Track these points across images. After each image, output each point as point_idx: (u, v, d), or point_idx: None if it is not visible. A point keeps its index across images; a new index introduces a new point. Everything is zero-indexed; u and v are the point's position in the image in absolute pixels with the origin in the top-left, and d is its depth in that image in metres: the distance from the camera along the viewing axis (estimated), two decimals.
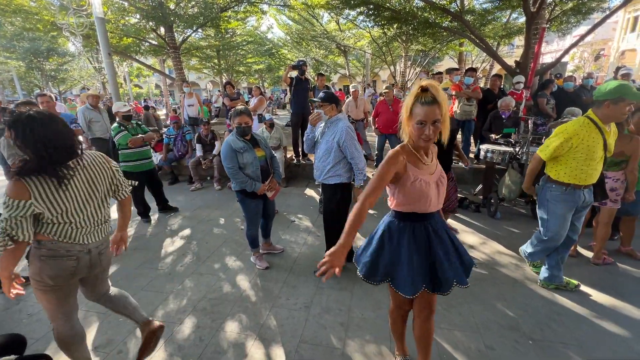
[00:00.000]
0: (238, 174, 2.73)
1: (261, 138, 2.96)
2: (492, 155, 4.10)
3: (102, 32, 5.78)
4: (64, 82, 21.71)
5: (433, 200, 1.48)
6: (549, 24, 7.42)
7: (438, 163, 1.56)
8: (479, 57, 18.61)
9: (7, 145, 2.82)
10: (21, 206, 1.40)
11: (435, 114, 1.32)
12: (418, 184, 1.44)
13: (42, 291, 1.62)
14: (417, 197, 1.46)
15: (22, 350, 1.65)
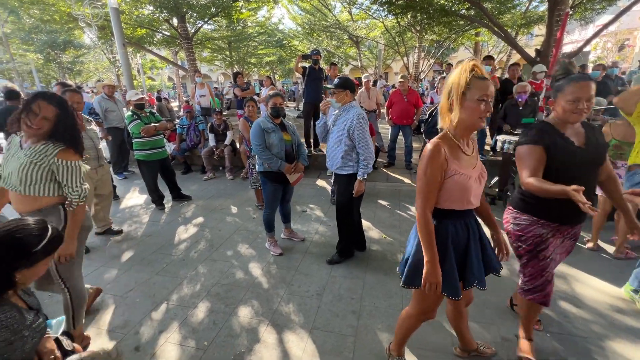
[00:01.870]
0: (264, 151, 2.82)
1: (290, 125, 3.02)
2: (510, 146, 3.98)
3: (116, 23, 5.83)
4: (80, 74, 22.15)
5: (473, 196, 1.38)
6: (573, 10, 7.10)
7: (479, 157, 1.46)
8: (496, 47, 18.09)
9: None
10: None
11: (491, 88, 1.27)
12: (459, 178, 1.31)
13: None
14: (458, 192, 1.34)
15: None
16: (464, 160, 1.35)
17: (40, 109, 1.65)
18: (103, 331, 2.18)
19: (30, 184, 1.70)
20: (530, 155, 1.51)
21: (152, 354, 1.98)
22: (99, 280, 2.74)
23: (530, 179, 1.45)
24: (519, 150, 1.56)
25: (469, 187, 1.34)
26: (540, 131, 1.54)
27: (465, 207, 1.39)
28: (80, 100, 3.03)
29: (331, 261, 2.90)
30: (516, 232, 1.71)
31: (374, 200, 4.30)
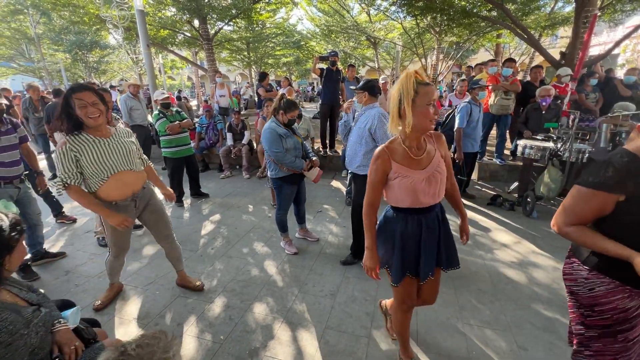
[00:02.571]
0: (286, 156, 2.82)
1: (295, 126, 3.04)
2: (531, 151, 3.89)
3: (141, 24, 6.03)
4: (105, 73, 22.97)
5: (424, 196, 1.45)
6: (601, 11, 6.85)
7: (438, 155, 1.47)
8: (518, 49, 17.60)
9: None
10: None
11: (435, 93, 1.36)
12: (402, 181, 1.43)
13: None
14: (403, 193, 1.45)
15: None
16: (413, 164, 1.44)
17: (88, 98, 1.85)
18: (126, 320, 2.27)
19: (137, 161, 2.13)
20: (588, 202, 1.09)
21: None
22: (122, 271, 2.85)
23: (569, 227, 1.14)
24: (577, 189, 1.12)
25: (415, 189, 1.43)
26: (623, 171, 1.01)
27: (416, 206, 1.47)
28: (109, 99, 3.17)
29: (345, 262, 2.91)
30: (587, 298, 1.19)
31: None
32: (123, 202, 2.06)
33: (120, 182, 2.01)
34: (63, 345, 1.28)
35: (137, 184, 2.11)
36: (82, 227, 3.81)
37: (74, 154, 1.86)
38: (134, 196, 2.11)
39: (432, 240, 1.53)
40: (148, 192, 2.25)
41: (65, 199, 4.60)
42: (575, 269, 1.24)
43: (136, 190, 2.11)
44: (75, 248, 3.32)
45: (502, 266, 2.86)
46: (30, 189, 2.93)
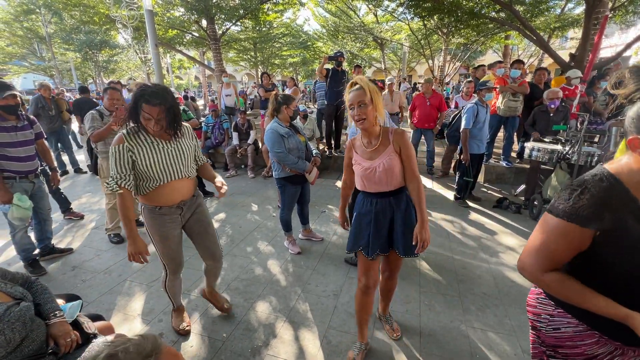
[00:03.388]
0: (288, 157, 2.82)
1: (299, 125, 3.04)
2: (538, 154, 3.84)
3: (150, 24, 6.10)
4: (114, 72, 23.29)
5: (367, 184, 1.71)
6: (612, 13, 6.74)
7: (390, 150, 1.65)
8: (526, 51, 17.43)
9: (92, 119, 3.07)
10: None
11: (360, 97, 1.55)
12: (356, 167, 1.74)
13: None
14: (358, 177, 1.76)
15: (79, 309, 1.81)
16: (365, 154, 1.70)
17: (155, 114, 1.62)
18: (131, 316, 2.30)
19: (191, 167, 1.92)
20: (560, 238, 0.88)
21: (174, 341, 2.07)
22: (128, 268, 2.89)
23: (547, 275, 0.90)
24: (547, 219, 0.91)
25: (362, 174, 1.70)
26: (600, 200, 0.81)
27: (367, 190, 1.74)
28: (119, 97, 3.21)
29: (347, 261, 2.91)
30: (551, 338, 1.02)
31: None
32: (168, 209, 1.83)
33: (170, 189, 1.79)
34: (58, 338, 1.29)
35: (187, 192, 1.89)
36: (89, 224, 3.86)
37: (130, 154, 1.66)
38: (182, 204, 1.87)
39: (381, 223, 1.72)
40: (197, 199, 1.99)
41: (72, 195, 4.68)
42: (540, 302, 1.06)
43: (185, 197, 1.88)
44: (82, 244, 3.37)
45: (507, 270, 2.83)
46: (44, 184, 2.99)
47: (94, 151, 3.26)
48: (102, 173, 3.27)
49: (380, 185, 1.68)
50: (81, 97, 6.07)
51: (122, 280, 2.71)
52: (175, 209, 1.85)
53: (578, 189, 0.85)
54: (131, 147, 1.66)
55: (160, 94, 1.59)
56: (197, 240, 2.03)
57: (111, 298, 2.49)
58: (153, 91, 1.57)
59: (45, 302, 1.40)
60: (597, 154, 3.58)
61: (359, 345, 1.91)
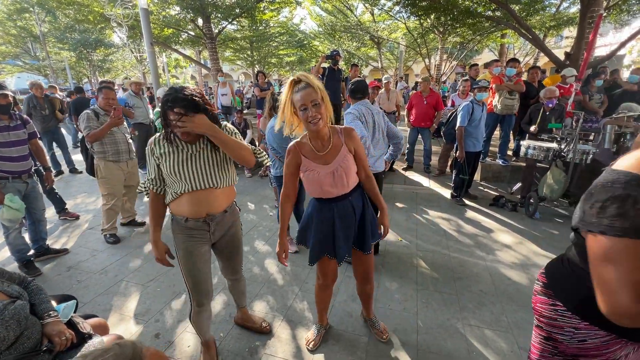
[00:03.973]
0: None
1: None
2: (534, 152, 3.86)
3: (145, 23, 6.07)
4: (109, 71, 23.11)
5: (328, 188, 1.60)
6: (607, 12, 6.79)
7: (344, 150, 1.58)
8: (522, 50, 17.51)
9: (87, 118, 3.03)
10: None
11: (312, 95, 1.42)
12: (310, 174, 1.59)
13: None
14: (312, 185, 1.62)
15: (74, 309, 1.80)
16: (317, 159, 1.58)
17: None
18: (126, 317, 2.28)
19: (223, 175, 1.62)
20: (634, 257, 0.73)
21: (170, 341, 2.06)
22: (124, 268, 2.87)
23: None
24: (603, 243, 0.77)
25: (320, 181, 1.58)
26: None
27: (326, 196, 1.64)
28: (114, 96, 3.19)
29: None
30: (574, 348, 0.98)
31: (391, 203, 4.27)
32: (195, 222, 1.61)
33: (195, 199, 1.56)
34: (53, 336, 1.29)
35: (216, 205, 1.61)
36: (85, 224, 3.83)
37: (155, 157, 1.54)
38: (209, 218, 1.62)
39: (346, 226, 1.68)
40: (231, 217, 1.74)
41: (68, 195, 4.65)
42: (562, 315, 0.99)
43: (213, 212, 1.62)
44: (77, 244, 3.34)
45: (504, 267, 2.84)
46: (38, 185, 2.96)
47: (89, 152, 3.24)
48: (99, 173, 3.24)
49: (341, 188, 1.61)
50: (78, 97, 6.22)
51: (118, 281, 2.69)
52: (202, 223, 1.61)
53: (618, 200, 0.75)
54: (155, 150, 1.53)
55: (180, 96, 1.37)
56: (224, 260, 1.86)
57: (107, 299, 2.48)
58: (175, 97, 1.37)
59: (40, 302, 1.40)
60: (592, 151, 3.61)
61: (319, 327, 2.05)
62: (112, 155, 3.19)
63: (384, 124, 2.78)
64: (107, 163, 3.20)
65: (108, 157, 3.19)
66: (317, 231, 1.69)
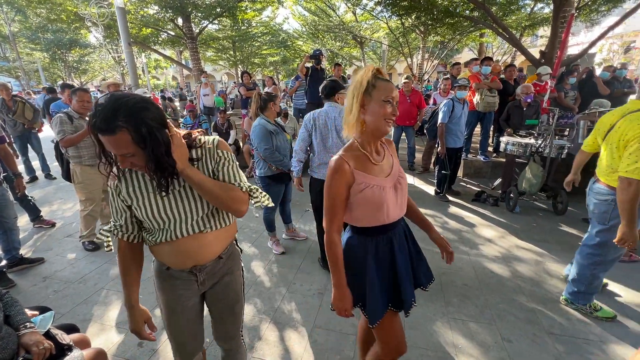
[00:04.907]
0: (274, 154, 2.78)
1: (282, 123, 3.03)
2: (513, 148, 3.98)
3: (122, 22, 5.89)
4: (86, 73, 22.34)
5: (392, 208, 1.23)
6: (578, 12, 7.07)
7: (396, 161, 1.30)
8: (500, 49, 18.01)
9: (61, 122, 2.90)
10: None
11: (395, 91, 1.15)
12: (371, 192, 1.18)
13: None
14: (373, 207, 1.20)
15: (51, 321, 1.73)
16: (374, 170, 1.21)
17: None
18: (107, 326, 2.21)
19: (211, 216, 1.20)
20: None
21: (154, 350, 2.00)
22: (104, 276, 2.78)
23: None
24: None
25: (385, 199, 1.19)
26: None
27: (387, 222, 1.23)
28: (90, 99, 3.08)
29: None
30: None
31: None
32: (179, 272, 1.24)
33: (177, 249, 1.17)
34: (30, 346, 1.24)
35: (205, 254, 1.21)
36: (61, 231, 3.68)
37: (123, 197, 1.12)
38: (196, 269, 1.23)
39: (405, 260, 1.32)
40: (228, 263, 1.32)
41: (43, 202, 4.45)
42: None
43: (201, 262, 1.22)
44: (54, 253, 3.20)
45: (487, 261, 2.91)
46: (8, 192, 2.82)
47: (64, 157, 3.11)
48: (75, 179, 3.12)
49: (401, 209, 1.28)
50: (50, 97, 6.15)
51: (98, 289, 2.60)
52: (188, 273, 1.24)
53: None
54: (122, 187, 1.11)
55: (114, 115, 0.89)
56: (215, 317, 1.38)
57: (86, 308, 2.39)
58: (104, 117, 0.89)
59: (15, 314, 1.35)
60: (567, 146, 3.75)
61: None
62: (89, 159, 3.07)
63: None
64: (83, 167, 3.08)
65: (84, 161, 3.07)
66: (376, 278, 1.25)
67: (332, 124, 2.45)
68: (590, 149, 2.25)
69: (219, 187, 1.10)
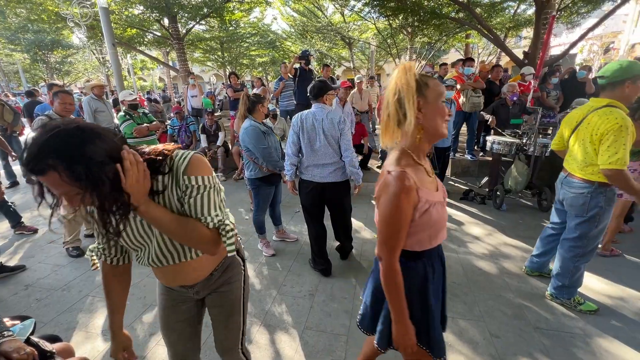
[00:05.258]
0: (272, 155, 2.75)
1: (270, 125, 3.02)
2: (499, 147, 4.05)
3: (106, 23, 5.76)
4: (69, 74, 21.77)
5: (441, 230, 1.11)
6: (559, 13, 7.27)
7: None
8: (486, 49, 18.35)
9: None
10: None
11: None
12: (435, 210, 1.03)
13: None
14: (436, 228, 1.07)
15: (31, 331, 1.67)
16: (431, 185, 1.07)
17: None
18: (93, 334, 2.15)
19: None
20: None
21: (142, 356, 1.96)
22: (89, 283, 2.71)
23: None
24: None
25: (445, 217, 1.09)
26: None
27: (436, 243, 1.11)
28: (72, 102, 3.00)
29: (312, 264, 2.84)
30: None
31: (366, 201, 4.33)
32: (172, 288, 1.21)
33: (162, 273, 1.14)
34: (10, 354, 1.19)
35: (191, 277, 1.15)
36: (44, 238, 3.57)
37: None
38: (186, 287, 1.18)
39: (438, 283, 1.20)
40: (222, 278, 1.23)
41: (24, 208, 4.31)
42: None
43: (189, 283, 1.16)
44: (36, 260, 3.11)
45: (475, 258, 2.96)
46: None
47: None
48: None
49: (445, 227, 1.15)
50: (29, 100, 6.04)
51: (83, 297, 2.53)
52: (180, 287, 1.19)
53: None
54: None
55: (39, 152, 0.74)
56: (213, 325, 1.31)
57: (70, 316, 2.32)
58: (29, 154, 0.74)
59: None
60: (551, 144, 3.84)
61: None
62: None
63: (337, 132, 2.45)
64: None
65: None
66: (435, 306, 1.15)
67: (320, 126, 2.44)
68: (558, 147, 2.34)
69: (178, 225, 0.93)
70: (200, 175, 0.96)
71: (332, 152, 2.48)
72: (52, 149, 0.74)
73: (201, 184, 0.96)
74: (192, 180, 0.95)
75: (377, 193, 1.07)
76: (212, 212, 0.98)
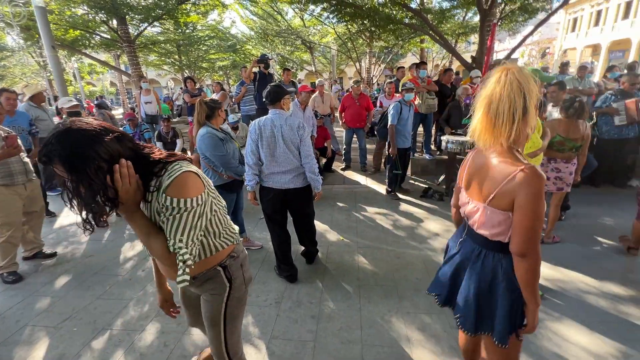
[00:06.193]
0: (231, 162, 2.67)
1: (229, 130, 2.94)
2: (453, 146, 4.28)
3: (43, 23, 5.29)
4: (4, 78, 19.64)
5: None
6: (500, 21, 7.89)
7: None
8: (439, 54, 19.42)
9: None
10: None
11: None
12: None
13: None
14: None
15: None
16: None
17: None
18: None
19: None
20: None
21: None
22: (27, 311, 2.43)
23: None
24: None
25: None
26: None
27: None
28: (15, 104, 2.72)
29: None
30: None
31: (331, 203, 4.36)
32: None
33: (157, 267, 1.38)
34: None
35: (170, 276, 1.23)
36: None
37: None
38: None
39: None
40: (203, 288, 1.29)
41: None
42: None
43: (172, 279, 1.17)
44: None
45: (434, 254, 3.08)
46: None
47: None
48: None
49: None
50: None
51: (21, 327, 2.27)
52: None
53: None
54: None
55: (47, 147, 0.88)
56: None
57: (6, 350, 2.07)
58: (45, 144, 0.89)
59: None
60: None
61: None
62: (3, 179, 2.69)
63: (297, 139, 2.42)
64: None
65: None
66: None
67: (279, 132, 2.39)
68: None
69: (148, 238, 1.02)
70: (177, 198, 0.99)
71: (293, 158, 2.45)
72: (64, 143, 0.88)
73: (176, 206, 0.99)
74: (167, 200, 0.99)
75: (509, 191, 1.05)
76: (178, 236, 1.00)
